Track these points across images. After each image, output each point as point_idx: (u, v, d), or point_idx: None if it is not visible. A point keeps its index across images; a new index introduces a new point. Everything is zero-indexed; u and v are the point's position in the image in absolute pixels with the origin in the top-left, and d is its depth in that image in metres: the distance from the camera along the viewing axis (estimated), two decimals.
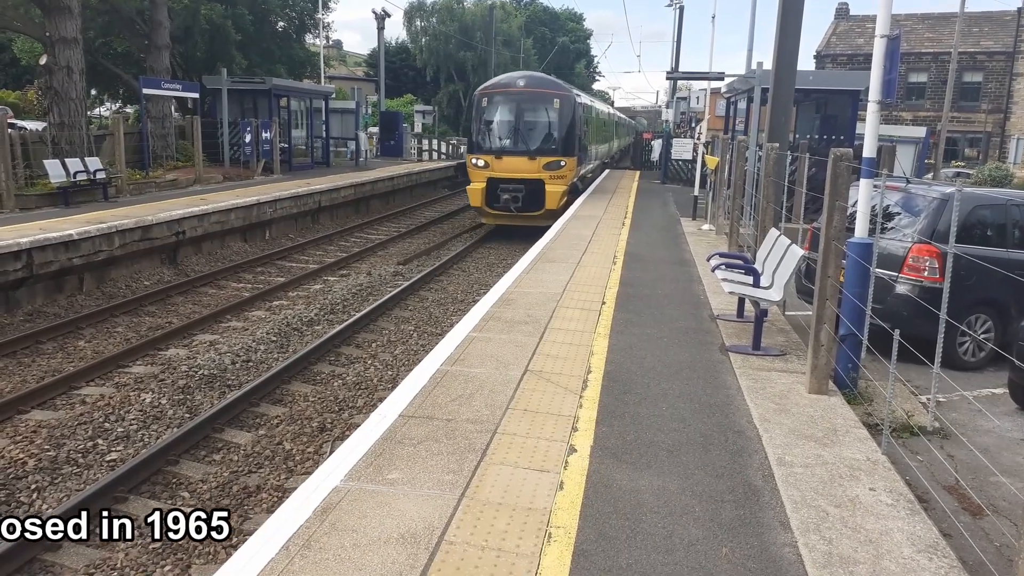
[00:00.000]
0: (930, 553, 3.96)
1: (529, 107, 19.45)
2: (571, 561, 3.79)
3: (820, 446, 5.26)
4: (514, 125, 19.32)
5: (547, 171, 18.77)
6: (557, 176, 18.86)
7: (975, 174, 27.45)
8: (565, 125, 19.27)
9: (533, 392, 6.08)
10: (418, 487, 4.48)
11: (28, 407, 8.13)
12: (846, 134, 18.41)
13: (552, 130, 19.31)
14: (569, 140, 19.35)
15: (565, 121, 19.27)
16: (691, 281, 10.73)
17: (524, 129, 19.38)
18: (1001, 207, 8.61)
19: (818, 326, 6.28)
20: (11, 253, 11.59)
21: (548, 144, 19.23)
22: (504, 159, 18.98)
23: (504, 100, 19.62)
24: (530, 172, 18.76)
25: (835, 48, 45.73)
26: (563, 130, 19.25)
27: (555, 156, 19.00)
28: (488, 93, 20.00)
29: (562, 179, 18.99)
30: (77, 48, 19.10)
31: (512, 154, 19.03)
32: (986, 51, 42.17)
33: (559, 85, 20.43)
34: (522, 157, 18.90)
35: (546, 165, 18.83)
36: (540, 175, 18.72)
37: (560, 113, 19.20)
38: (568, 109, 19.39)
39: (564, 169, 19.00)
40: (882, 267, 7.15)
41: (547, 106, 19.35)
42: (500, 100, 19.68)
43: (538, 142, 19.33)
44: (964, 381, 7.51)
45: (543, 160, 18.84)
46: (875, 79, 6.48)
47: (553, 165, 18.88)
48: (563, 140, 19.25)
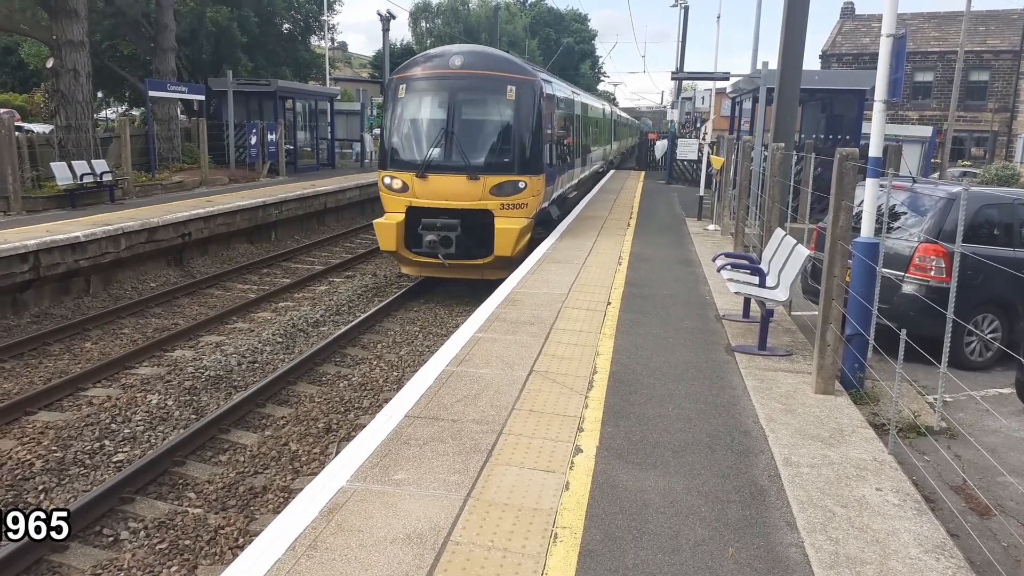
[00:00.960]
0: (937, 553, 3.95)
1: (470, 99, 13.22)
2: (577, 561, 3.79)
3: (826, 446, 5.24)
4: (446, 127, 12.79)
5: (497, 196, 12.64)
6: (513, 204, 12.70)
7: (982, 173, 27.37)
8: (527, 126, 13.00)
9: (539, 393, 6.08)
10: (424, 487, 4.48)
11: (35, 408, 8.17)
12: (852, 134, 18.37)
13: (506, 134, 13.04)
14: (534, 149, 13.08)
15: (527, 120, 13.01)
16: (697, 281, 10.71)
17: (461, 133, 12.84)
18: (1008, 206, 8.57)
19: (824, 326, 6.27)
20: (18, 255, 11.64)
21: (499, 156, 12.94)
22: (431, 179, 12.70)
23: (431, 88, 13.28)
24: (470, 199, 12.63)
25: (841, 48, 45.63)
26: (523, 134, 12.97)
27: (509, 174, 12.70)
28: (407, 78, 13.44)
29: (521, 208, 12.81)
30: (83, 51, 19.18)
31: (443, 171, 12.71)
32: (993, 50, 42.02)
33: (516, 66, 13.67)
34: (458, 175, 12.63)
35: (496, 188, 12.65)
36: (486, 203, 12.65)
37: (518, 108, 12.92)
38: (530, 102, 13.07)
39: (524, 193, 12.76)
40: (888, 267, 7.13)
41: (498, 97, 13.05)
42: (425, 88, 13.35)
43: (483, 153, 12.93)
44: (971, 381, 7.47)
45: (491, 180, 12.62)
46: (881, 78, 6.46)
47: (507, 188, 12.69)
48: (523, 149, 12.94)
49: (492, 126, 13.25)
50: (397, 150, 13.24)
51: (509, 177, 12.74)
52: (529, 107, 13.06)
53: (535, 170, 13.11)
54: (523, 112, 13.01)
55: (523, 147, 13.00)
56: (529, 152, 13.03)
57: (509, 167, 12.84)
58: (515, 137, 13.01)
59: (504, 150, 13.04)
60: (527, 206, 12.96)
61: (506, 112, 13.08)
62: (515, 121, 13.00)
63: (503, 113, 13.13)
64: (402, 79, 13.50)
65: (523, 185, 12.79)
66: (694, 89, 42.52)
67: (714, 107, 27.31)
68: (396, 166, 13.12)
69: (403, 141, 13.29)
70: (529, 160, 13.01)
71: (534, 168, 13.09)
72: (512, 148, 12.99)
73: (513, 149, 12.98)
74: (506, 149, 13.02)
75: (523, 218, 12.86)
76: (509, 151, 12.98)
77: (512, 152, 12.96)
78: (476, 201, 12.69)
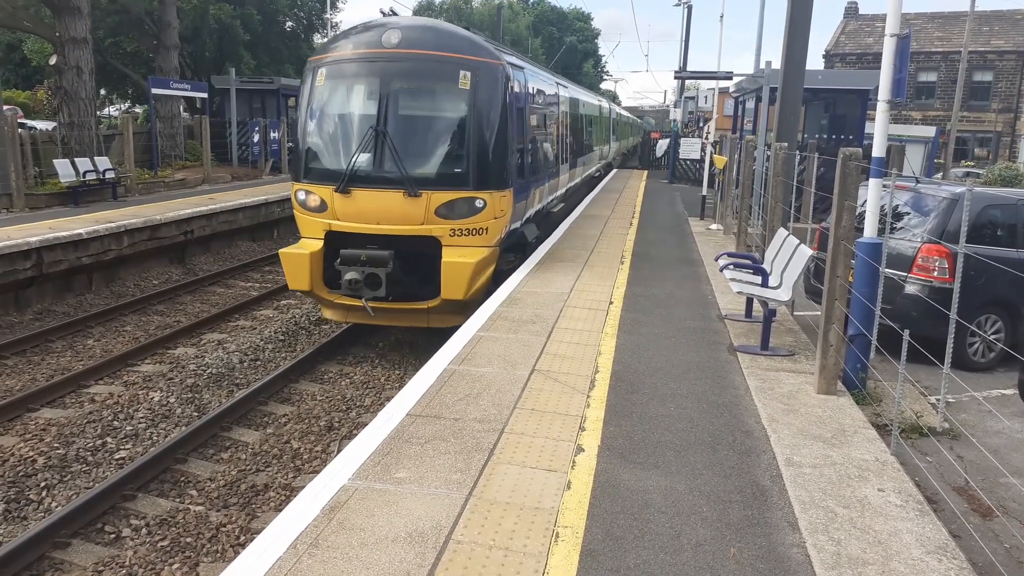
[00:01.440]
0: (939, 554, 3.94)
1: (410, 88, 10.13)
2: (578, 561, 3.79)
3: (829, 446, 5.24)
4: (376, 125, 9.69)
5: (446, 219, 9.65)
6: (467, 229, 9.74)
7: (985, 174, 27.31)
8: (488, 125, 9.93)
9: (540, 391, 6.08)
10: (426, 486, 4.48)
11: (38, 405, 8.18)
12: (855, 134, 18.35)
13: (459, 135, 9.95)
14: (497, 155, 10.00)
15: (487, 116, 9.92)
16: (699, 281, 10.71)
17: (398, 133, 9.76)
18: (1011, 207, 8.56)
19: (827, 326, 6.26)
20: (21, 252, 11.66)
21: (449, 164, 9.90)
22: (356, 195, 9.62)
23: (358, 74, 10.23)
24: (409, 222, 9.60)
25: (844, 47, 45.56)
26: (483, 135, 9.89)
27: (462, 189, 9.70)
28: (327, 61, 10.22)
29: (478, 235, 9.82)
30: (87, 48, 19.21)
31: (372, 184, 9.63)
32: (996, 50, 41.94)
33: (474, 45, 10.27)
34: (392, 191, 9.55)
35: (444, 208, 9.63)
36: (431, 228, 9.63)
37: (475, 100, 9.85)
38: (493, 92, 10.01)
39: (483, 215, 9.76)
40: (891, 267, 7.12)
41: (448, 86, 9.96)
42: (350, 74, 10.26)
43: (427, 160, 9.89)
44: (974, 382, 7.46)
45: (437, 197, 9.61)
46: (885, 78, 6.45)
47: (459, 208, 9.70)
48: (482, 155, 9.84)
49: (440, 125, 10.06)
50: (313, 156, 10.09)
51: (462, 193, 9.65)
52: (491, 99, 9.92)
53: (499, 183, 9.97)
54: (482, 106, 9.85)
55: (482, 153, 9.81)
56: (491, 159, 9.88)
57: (462, 180, 9.71)
58: (471, 139, 9.79)
59: (456, 157, 9.85)
60: (487, 231, 9.82)
61: (459, 106, 9.92)
62: (471, 118, 9.81)
63: (455, 107, 9.98)
64: (320, 62, 10.20)
65: (481, 204, 9.69)
66: (697, 88, 42.46)
67: (717, 106, 27.27)
68: (312, 177, 9.94)
69: (321, 144, 10.13)
70: (490, 170, 9.88)
71: (497, 180, 9.96)
72: (466, 154, 9.77)
73: (468, 156, 9.76)
74: (458, 156, 9.83)
75: (481, 247, 9.74)
76: (462, 158, 9.78)
77: (467, 160, 9.75)
78: (417, 225, 9.57)
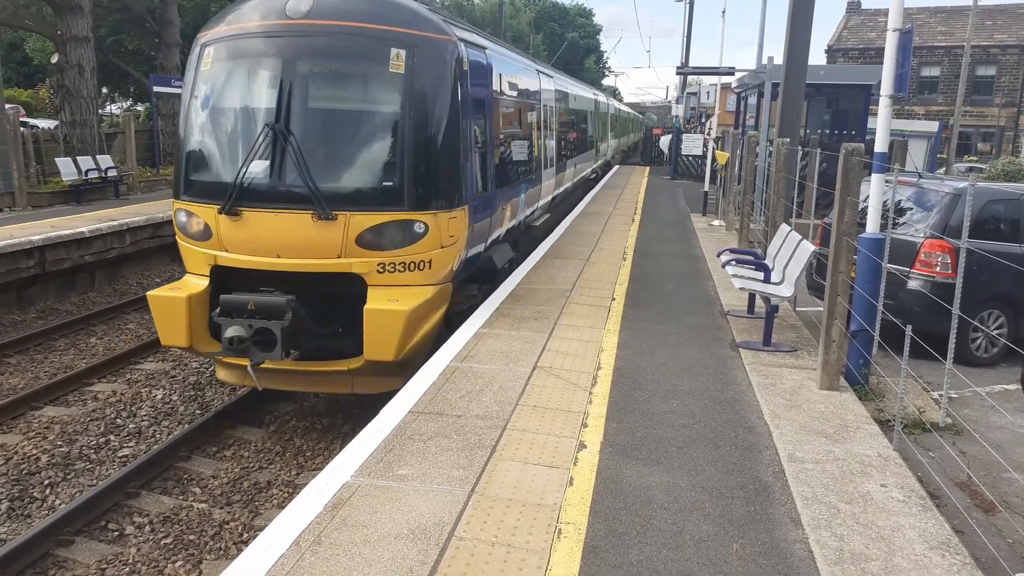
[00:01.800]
0: (942, 550, 3.94)
1: (321, 73, 7.62)
2: (581, 557, 3.79)
3: (831, 442, 5.23)
4: (275, 123, 7.22)
5: (372, 250, 7.28)
6: (402, 263, 7.37)
7: (988, 169, 27.25)
8: (431, 121, 7.50)
9: (543, 388, 6.08)
10: (428, 483, 4.49)
11: (41, 403, 8.20)
12: (858, 129, 18.32)
13: (390, 136, 7.47)
14: (445, 162, 7.60)
15: (432, 110, 7.51)
16: (701, 277, 10.70)
17: (305, 133, 7.34)
18: (1014, 202, 8.54)
19: (829, 322, 6.25)
20: (23, 251, 11.68)
21: (375, 176, 7.47)
22: (248, 218, 7.25)
23: (256, 54, 7.66)
24: (320, 253, 7.25)
25: (847, 42, 45.45)
26: (424, 135, 7.45)
27: (395, 209, 7.31)
28: (219, 39, 7.76)
29: (419, 270, 7.46)
30: (88, 46, 19.21)
31: (269, 202, 7.26)
32: (1000, 44, 41.80)
33: (411, 15, 7.70)
34: (297, 212, 7.18)
35: (370, 235, 7.25)
36: (351, 261, 7.25)
37: (413, 88, 7.39)
38: (439, 78, 7.61)
39: (426, 242, 7.42)
40: (894, 262, 7.11)
41: (373, 70, 7.51)
42: (247, 55, 7.68)
43: (345, 170, 7.46)
44: (977, 377, 7.45)
45: (360, 220, 7.22)
46: (887, 73, 6.43)
47: (391, 235, 7.31)
48: (423, 163, 7.42)
49: (364, 122, 7.43)
50: (196, 165, 7.56)
51: (394, 214, 7.13)
52: (436, 87, 7.40)
53: (447, 199, 7.45)
54: (424, 96, 7.30)
55: (423, 159, 7.26)
56: (436, 168, 7.38)
57: (394, 196, 7.18)
58: (407, 141, 7.21)
59: (386, 165, 7.28)
60: (430, 265, 7.34)
61: (390, 96, 7.32)
62: (408, 112, 7.20)
63: (385, 98, 7.39)
64: (207, 39, 7.69)
65: (421, 228, 7.19)
66: (699, 84, 42.40)
67: (719, 102, 27.20)
68: (194, 193, 7.47)
69: (205, 149, 7.60)
70: (435, 182, 7.38)
71: (445, 195, 7.45)
72: (401, 161, 7.20)
73: (403, 163, 7.19)
74: (389, 164, 7.26)
75: (422, 286, 7.31)
76: (395, 167, 7.22)
77: (401, 169, 7.19)
78: (332, 259, 7.07)
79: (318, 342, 7.56)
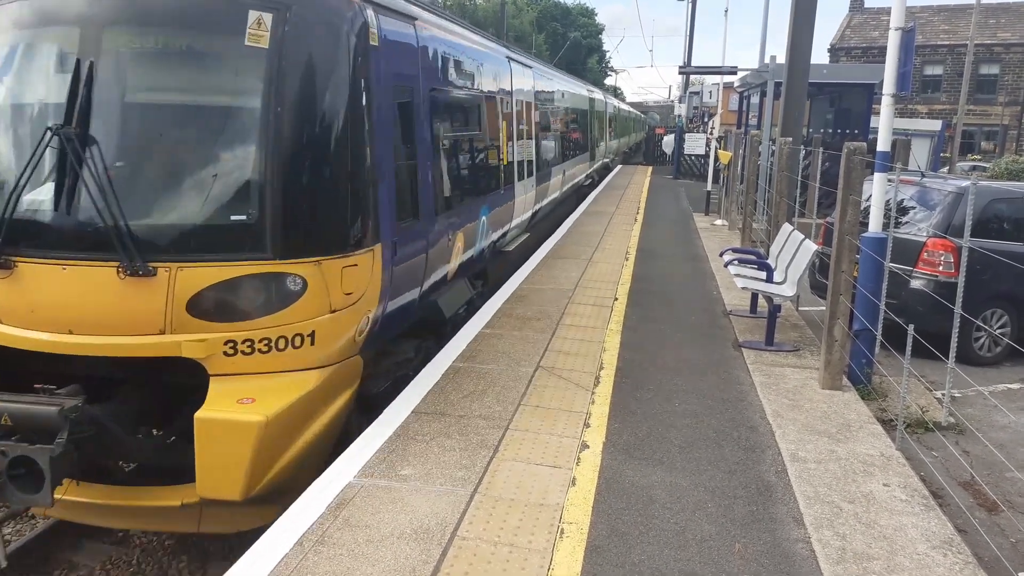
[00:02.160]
0: (945, 549, 3.94)
1: (141, 48, 4.94)
2: (583, 556, 3.80)
3: (834, 442, 5.23)
4: (67, 126, 4.58)
5: (215, 321, 4.71)
6: (263, 338, 4.78)
7: (991, 168, 27.20)
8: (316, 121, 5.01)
9: (545, 388, 6.09)
10: (431, 483, 4.50)
11: None
12: (860, 128, 18.28)
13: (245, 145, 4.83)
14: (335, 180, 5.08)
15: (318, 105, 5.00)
16: (704, 277, 10.69)
17: (112, 142, 4.73)
18: (1018, 201, 8.52)
19: (832, 321, 6.25)
20: None
21: (219, 205, 4.78)
22: (26, 270, 4.69)
23: (43, 21, 4.99)
24: (131, 327, 4.65)
25: (849, 41, 45.38)
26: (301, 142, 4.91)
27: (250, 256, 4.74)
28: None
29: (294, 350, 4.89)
30: None
31: (58, 248, 4.66)
32: (1003, 43, 41.70)
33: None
34: (97, 264, 4.59)
35: (207, 299, 4.68)
36: (179, 340, 4.64)
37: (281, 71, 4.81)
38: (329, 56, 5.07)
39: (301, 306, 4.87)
40: (897, 262, 7.10)
41: (219, 44, 4.96)
42: (32, 20, 5.00)
43: (173, 199, 4.79)
44: (980, 376, 7.44)
45: (192, 277, 4.64)
46: (889, 72, 6.42)
47: (246, 295, 4.76)
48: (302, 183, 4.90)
49: (202, 124, 5.02)
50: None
51: (250, 266, 4.82)
52: (322, 70, 5.11)
53: (342, 237, 5.17)
54: (301, 83, 5.00)
55: (299, 179, 4.95)
56: (321, 191, 5.10)
57: (249, 237, 4.86)
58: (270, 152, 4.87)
59: (238, 191, 4.92)
60: (315, 338, 5.03)
61: (246, 83, 5.02)
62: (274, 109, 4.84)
63: (237, 86, 5.07)
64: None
65: (297, 284, 4.92)
66: (702, 83, 42.33)
67: (722, 102, 27.15)
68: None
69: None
70: (320, 213, 5.08)
71: (339, 233, 5.17)
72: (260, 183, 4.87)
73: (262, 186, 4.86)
74: (242, 188, 4.92)
75: (304, 371, 5.04)
76: (250, 192, 4.90)
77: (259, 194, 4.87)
78: (149, 337, 4.74)
79: (143, 456, 5.23)
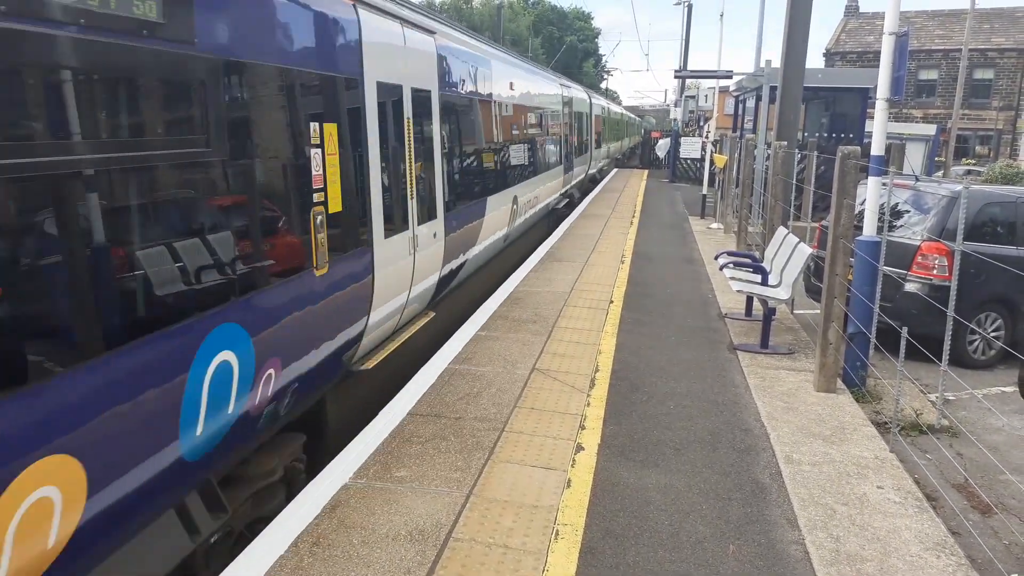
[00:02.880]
0: (938, 551, 3.96)
1: None
2: (578, 558, 3.81)
3: (828, 444, 5.25)
4: None
5: None
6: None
7: (986, 172, 27.30)
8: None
9: (540, 390, 6.09)
10: (426, 484, 4.50)
11: None
12: (855, 132, 18.33)
13: None
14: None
15: None
16: (699, 280, 10.72)
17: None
18: (1011, 204, 8.56)
19: (826, 324, 6.27)
20: None
21: None
22: None
23: None
24: None
25: (845, 46, 45.53)
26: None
27: None
28: None
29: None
30: None
31: None
32: (997, 48, 41.87)
33: None
34: None
35: None
36: None
37: None
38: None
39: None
40: (891, 265, 7.13)
41: None
42: None
43: None
44: (974, 379, 7.46)
45: None
46: (884, 77, 6.46)
47: None
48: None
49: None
50: None
51: None
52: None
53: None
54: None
55: None
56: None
57: None
58: None
59: None
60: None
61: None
62: None
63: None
64: None
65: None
66: (697, 87, 42.48)
67: (717, 105, 27.25)
68: None
69: None
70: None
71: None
72: None
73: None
74: None
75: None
76: None
77: None
78: None
79: None
